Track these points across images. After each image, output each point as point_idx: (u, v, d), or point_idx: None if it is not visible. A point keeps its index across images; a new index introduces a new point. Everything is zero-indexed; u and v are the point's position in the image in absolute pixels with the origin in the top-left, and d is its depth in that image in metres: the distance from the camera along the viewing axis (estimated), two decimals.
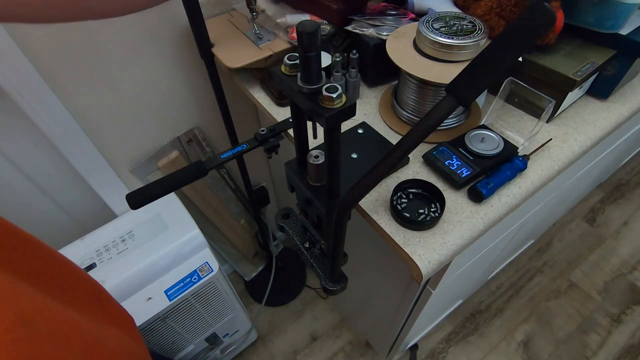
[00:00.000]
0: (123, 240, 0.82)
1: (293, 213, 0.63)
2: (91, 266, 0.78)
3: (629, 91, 0.72)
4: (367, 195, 0.39)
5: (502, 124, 0.65)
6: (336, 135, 0.37)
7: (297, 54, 0.36)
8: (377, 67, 0.71)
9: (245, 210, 1.24)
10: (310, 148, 0.48)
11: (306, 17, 0.71)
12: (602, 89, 0.69)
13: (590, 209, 1.69)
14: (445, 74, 0.55)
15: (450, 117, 0.49)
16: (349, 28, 0.69)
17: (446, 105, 0.32)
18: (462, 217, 0.54)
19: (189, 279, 0.81)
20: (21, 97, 0.63)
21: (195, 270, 0.82)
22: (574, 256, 1.54)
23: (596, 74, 0.67)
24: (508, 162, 0.57)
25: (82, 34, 0.66)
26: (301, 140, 0.47)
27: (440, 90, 0.59)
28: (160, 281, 0.80)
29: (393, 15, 0.71)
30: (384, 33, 0.66)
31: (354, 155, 0.59)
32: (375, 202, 0.56)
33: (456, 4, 0.69)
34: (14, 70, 0.61)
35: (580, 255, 1.54)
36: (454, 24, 0.58)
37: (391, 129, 0.66)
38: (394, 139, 0.64)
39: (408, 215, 0.52)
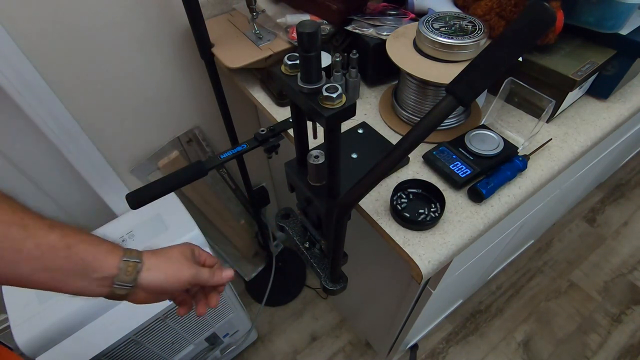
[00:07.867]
0: (123, 241, 0.82)
1: (293, 213, 0.63)
2: None
3: (629, 91, 0.72)
4: (367, 195, 0.39)
5: (502, 124, 0.65)
6: (336, 135, 0.37)
7: (297, 54, 0.36)
8: (377, 67, 0.71)
9: (245, 210, 1.24)
10: (310, 148, 0.48)
11: (306, 17, 0.71)
12: (602, 89, 0.69)
13: (590, 209, 1.69)
14: (445, 74, 0.55)
15: (450, 117, 0.49)
16: (349, 28, 0.69)
17: (446, 105, 0.32)
18: (462, 217, 0.54)
19: None
20: (21, 97, 0.63)
21: None
22: (574, 256, 1.54)
23: (596, 74, 0.66)
24: (508, 162, 0.57)
25: (83, 35, 0.66)
26: (301, 140, 0.47)
27: (440, 90, 0.59)
28: None
29: (393, 15, 0.71)
30: (384, 33, 0.66)
31: (354, 155, 0.59)
32: (375, 202, 0.56)
33: (456, 4, 0.69)
34: (14, 70, 0.61)
35: (580, 255, 1.54)
36: (454, 24, 0.58)
37: (391, 129, 0.66)
38: (394, 139, 0.64)
39: (408, 215, 0.52)
